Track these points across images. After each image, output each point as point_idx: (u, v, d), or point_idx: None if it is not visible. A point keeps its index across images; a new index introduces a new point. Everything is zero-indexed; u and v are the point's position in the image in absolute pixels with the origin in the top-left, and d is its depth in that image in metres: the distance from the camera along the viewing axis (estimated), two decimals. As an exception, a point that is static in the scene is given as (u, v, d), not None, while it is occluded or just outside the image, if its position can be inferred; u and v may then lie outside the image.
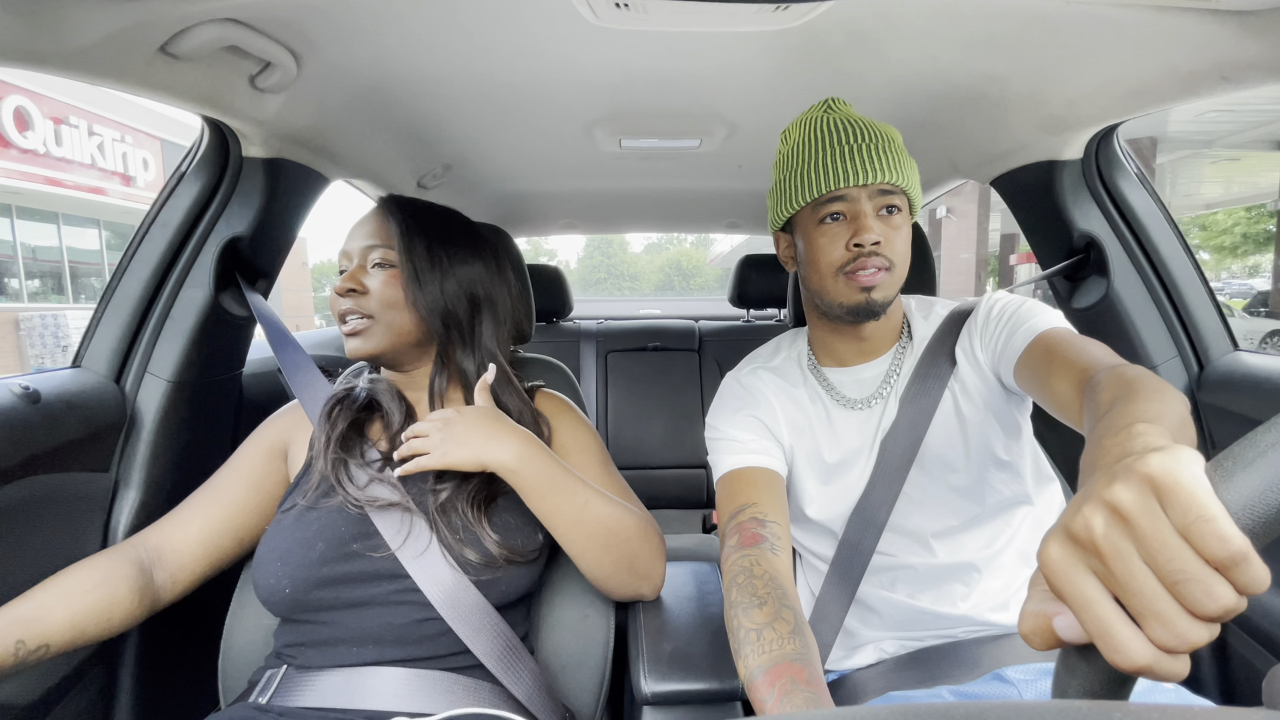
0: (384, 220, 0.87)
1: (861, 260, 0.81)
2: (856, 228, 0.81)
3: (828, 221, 0.83)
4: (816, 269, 0.85)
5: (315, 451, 0.83)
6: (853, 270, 0.82)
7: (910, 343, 0.92)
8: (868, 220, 0.81)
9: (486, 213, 2.03)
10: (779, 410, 0.92)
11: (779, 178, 0.89)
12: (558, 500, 0.79)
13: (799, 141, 0.86)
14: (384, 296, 0.84)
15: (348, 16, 0.80)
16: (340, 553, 0.77)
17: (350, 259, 0.86)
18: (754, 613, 0.70)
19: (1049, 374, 0.70)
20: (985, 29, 0.84)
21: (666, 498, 2.15)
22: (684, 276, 50.58)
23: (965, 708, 0.26)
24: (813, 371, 0.95)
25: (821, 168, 0.82)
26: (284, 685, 0.75)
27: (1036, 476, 0.88)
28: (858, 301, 0.84)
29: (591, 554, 0.82)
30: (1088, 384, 0.60)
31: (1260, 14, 0.69)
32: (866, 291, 0.83)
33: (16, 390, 0.80)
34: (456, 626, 0.77)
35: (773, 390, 0.94)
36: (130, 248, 0.99)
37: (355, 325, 0.84)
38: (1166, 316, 1.12)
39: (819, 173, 0.82)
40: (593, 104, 1.16)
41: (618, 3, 0.73)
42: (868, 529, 0.87)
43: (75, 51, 0.65)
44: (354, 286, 0.83)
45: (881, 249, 0.81)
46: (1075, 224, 1.14)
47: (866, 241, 0.80)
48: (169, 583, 0.80)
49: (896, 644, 0.87)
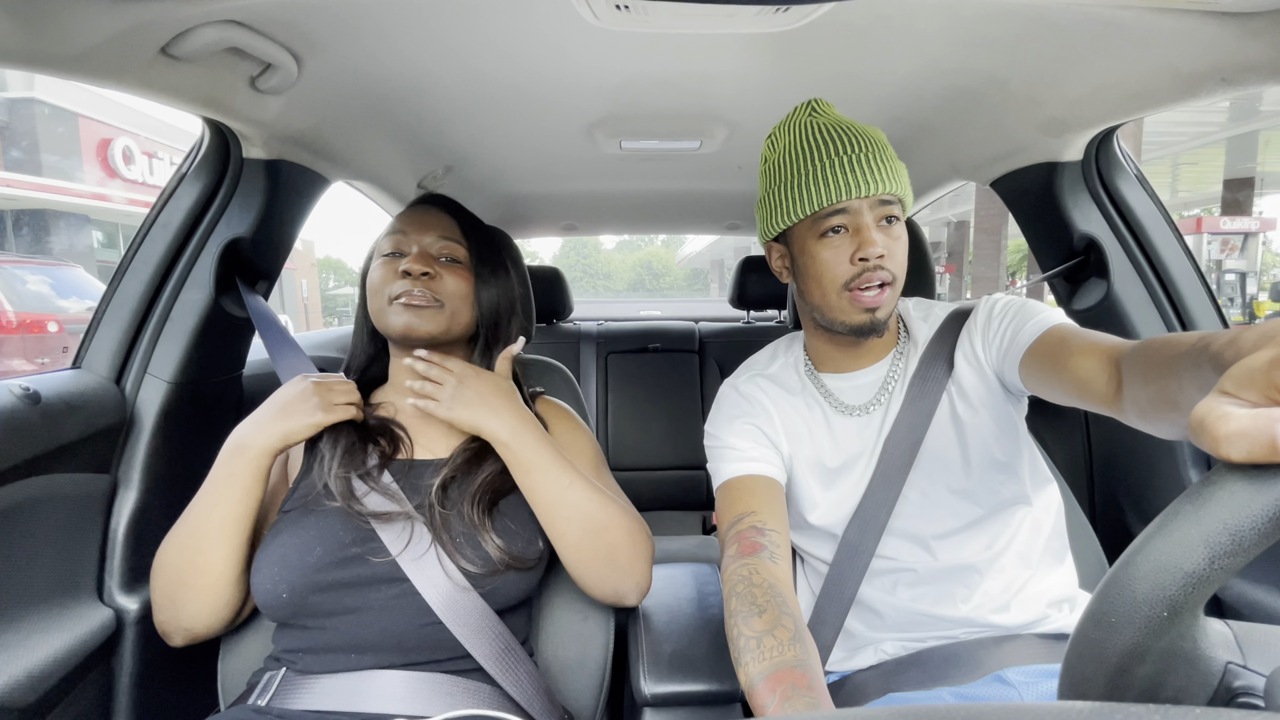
0: (449, 220, 0.92)
1: (866, 275, 0.81)
2: (860, 241, 0.80)
3: (829, 235, 0.82)
4: (819, 284, 0.84)
5: (319, 464, 0.83)
6: (857, 287, 0.82)
7: (909, 345, 0.92)
8: (871, 233, 0.80)
9: (487, 214, 2.03)
10: (777, 418, 0.92)
11: (769, 188, 0.87)
12: (540, 478, 0.82)
13: (789, 149, 0.84)
14: (456, 289, 0.89)
15: (349, 18, 0.80)
16: (338, 557, 0.77)
17: (413, 245, 0.88)
18: (753, 621, 0.70)
19: (1067, 358, 0.70)
20: (985, 31, 0.84)
21: (666, 499, 2.15)
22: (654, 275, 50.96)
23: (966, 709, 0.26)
24: (810, 378, 0.94)
25: (820, 179, 0.80)
26: (283, 687, 0.75)
27: (1034, 477, 0.88)
28: (861, 321, 0.84)
29: (570, 537, 0.82)
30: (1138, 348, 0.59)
31: (1261, 16, 0.69)
32: (870, 312, 0.83)
33: (17, 391, 0.80)
34: (455, 630, 0.77)
35: (770, 398, 0.93)
36: (130, 249, 0.99)
37: (422, 301, 0.86)
38: (1166, 318, 1.12)
39: (818, 184, 0.80)
40: (593, 106, 1.16)
41: (618, 4, 0.73)
42: (867, 532, 0.86)
43: (77, 53, 0.65)
44: (428, 270, 0.86)
45: (885, 262, 0.81)
46: (1075, 225, 1.14)
47: (872, 255, 0.80)
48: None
49: (897, 645, 0.87)
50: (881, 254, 0.80)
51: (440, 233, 0.90)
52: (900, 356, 0.92)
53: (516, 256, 1.16)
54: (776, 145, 0.87)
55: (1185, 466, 1.06)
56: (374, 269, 0.89)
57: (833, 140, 0.81)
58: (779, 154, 0.86)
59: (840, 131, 0.82)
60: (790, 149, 0.84)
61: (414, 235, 0.89)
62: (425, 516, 0.81)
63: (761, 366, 0.99)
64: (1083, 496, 1.26)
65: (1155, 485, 1.10)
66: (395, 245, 0.89)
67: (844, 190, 0.79)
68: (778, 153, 0.86)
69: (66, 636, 0.82)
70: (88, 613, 0.87)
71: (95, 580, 0.90)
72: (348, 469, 0.82)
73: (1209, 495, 0.34)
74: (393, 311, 0.86)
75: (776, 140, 0.88)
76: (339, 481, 0.81)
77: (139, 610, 0.92)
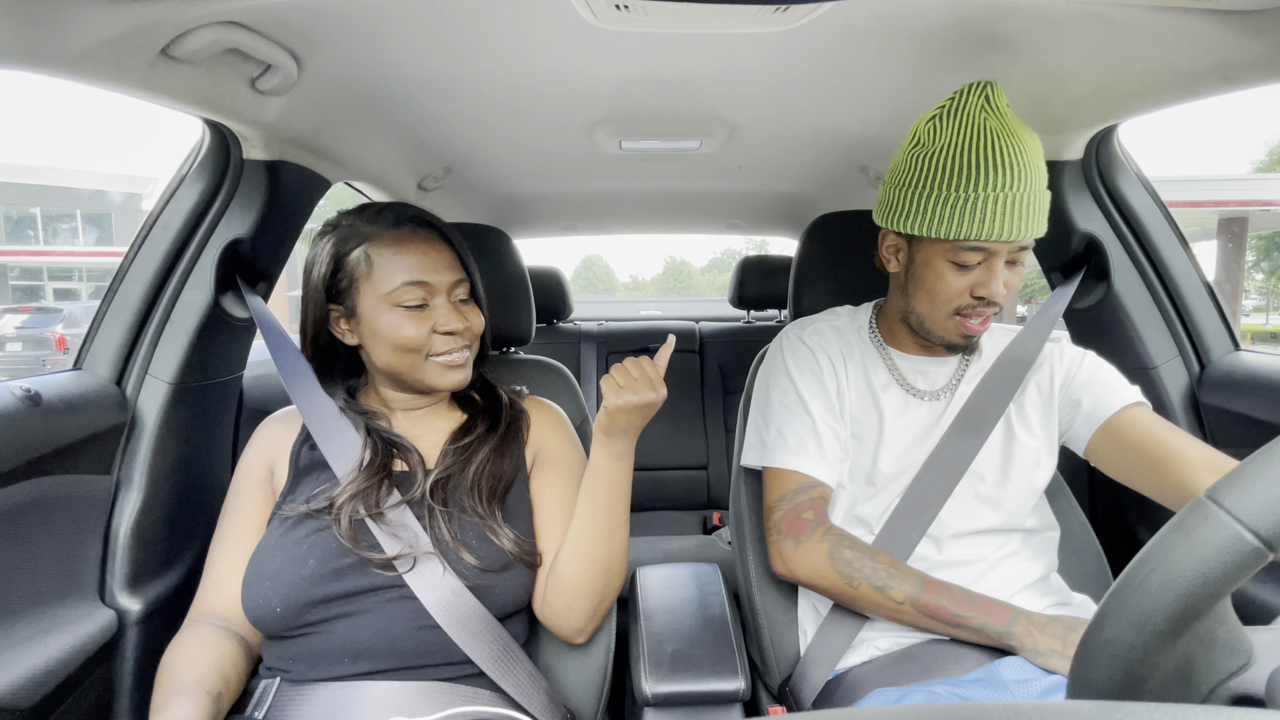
0: (450, 251, 0.87)
1: (980, 309, 0.82)
2: (987, 279, 0.80)
3: (958, 265, 0.81)
4: (931, 299, 0.85)
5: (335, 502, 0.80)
6: (966, 316, 0.83)
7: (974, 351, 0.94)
8: (998, 282, 0.80)
9: (487, 214, 2.03)
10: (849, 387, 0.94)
11: (912, 178, 0.82)
12: (603, 510, 0.81)
13: (952, 149, 0.78)
14: (477, 326, 0.88)
15: (349, 19, 0.80)
16: (331, 568, 0.76)
17: (434, 292, 0.84)
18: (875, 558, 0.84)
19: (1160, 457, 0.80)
20: (986, 30, 0.84)
21: (667, 499, 2.15)
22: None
23: (966, 709, 0.26)
24: (879, 350, 0.95)
25: (973, 211, 0.77)
26: (279, 699, 0.74)
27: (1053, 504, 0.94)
28: (958, 343, 0.87)
29: (579, 563, 0.81)
30: None
31: (1261, 14, 0.69)
32: (970, 337, 0.86)
33: (18, 392, 0.80)
34: (453, 633, 0.76)
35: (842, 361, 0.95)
36: (131, 250, 0.99)
37: (463, 359, 0.86)
38: (1167, 316, 1.12)
39: (971, 216, 0.77)
40: (593, 106, 1.16)
41: (618, 4, 0.73)
42: (912, 528, 0.87)
43: (77, 55, 0.65)
44: (464, 324, 0.85)
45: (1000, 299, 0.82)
46: (1076, 224, 1.14)
47: (997, 295, 0.80)
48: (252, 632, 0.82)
49: (890, 641, 0.87)
50: (1007, 294, 0.81)
51: (452, 273, 0.85)
52: (967, 359, 0.94)
53: (516, 257, 1.15)
54: (938, 134, 0.81)
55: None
56: (393, 319, 0.82)
57: (999, 166, 0.76)
58: (939, 148, 0.80)
59: (1008, 153, 0.76)
60: (952, 151, 0.79)
61: (432, 279, 0.83)
62: (425, 515, 0.80)
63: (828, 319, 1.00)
64: (1083, 497, 1.26)
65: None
66: (420, 298, 0.82)
67: (994, 231, 0.77)
68: (938, 145, 0.80)
69: (68, 637, 0.82)
70: (89, 614, 0.87)
71: (97, 581, 0.90)
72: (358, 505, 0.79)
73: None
74: (431, 370, 0.84)
75: (940, 127, 0.81)
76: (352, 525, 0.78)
77: (141, 611, 0.92)
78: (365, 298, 0.83)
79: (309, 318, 0.87)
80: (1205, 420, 1.07)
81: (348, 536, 0.77)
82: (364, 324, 0.84)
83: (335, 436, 0.85)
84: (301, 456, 0.87)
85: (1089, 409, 0.87)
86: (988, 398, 0.89)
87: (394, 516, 0.80)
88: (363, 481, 0.80)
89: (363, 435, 0.85)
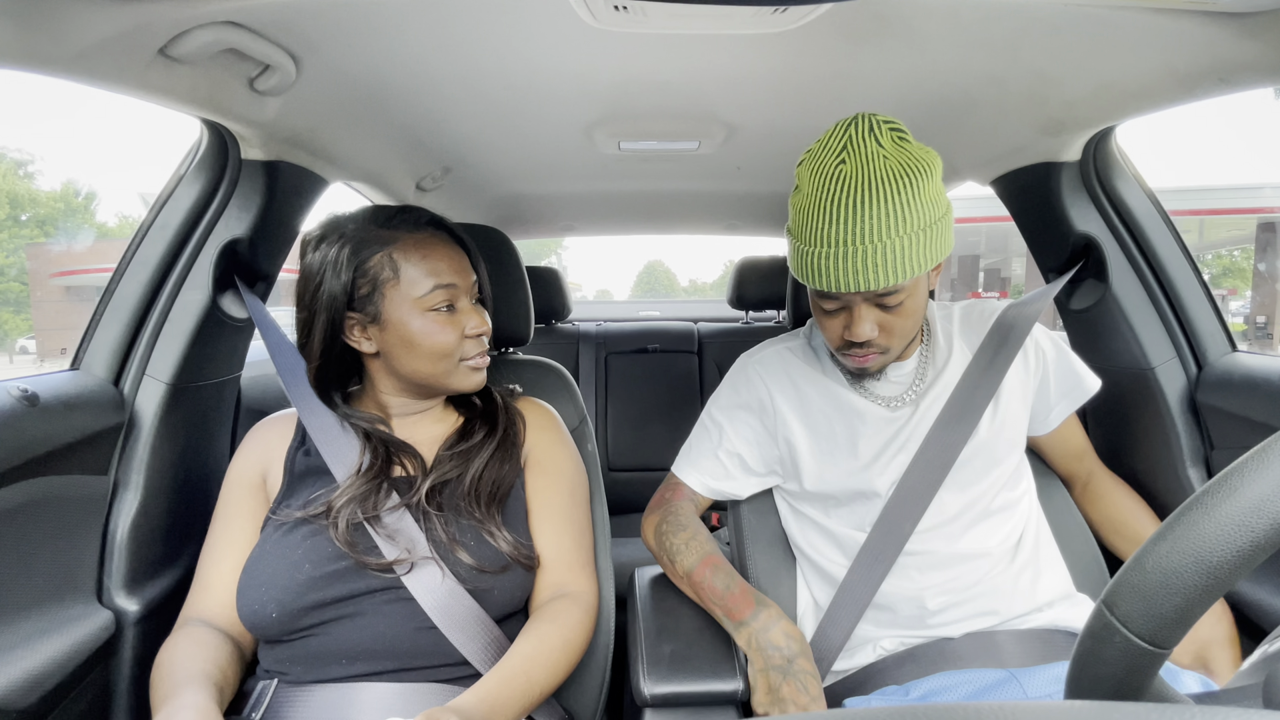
0: (464, 253, 0.89)
1: (856, 350, 0.84)
2: (850, 323, 0.81)
3: (823, 310, 0.84)
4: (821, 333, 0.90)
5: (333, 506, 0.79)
6: (847, 355, 0.85)
7: (932, 341, 0.94)
8: (861, 325, 0.80)
9: (485, 215, 2.03)
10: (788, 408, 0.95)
11: (792, 224, 0.82)
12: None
13: (811, 202, 0.77)
14: (490, 326, 0.90)
15: (347, 19, 0.80)
16: (327, 572, 0.76)
17: (458, 295, 0.84)
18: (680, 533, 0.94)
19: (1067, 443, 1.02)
20: (984, 31, 0.84)
21: None
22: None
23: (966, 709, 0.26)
24: (838, 361, 0.95)
25: (814, 262, 0.77)
26: (276, 701, 0.74)
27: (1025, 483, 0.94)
28: (855, 371, 0.90)
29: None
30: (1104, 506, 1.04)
31: (1258, 16, 0.69)
32: (861, 370, 0.88)
33: (15, 393, 0.80)
34: (450, 634, 0.76)
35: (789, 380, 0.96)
36: (129, 250, 0.99)
37: (487, 360, 0.88)
38: (1165, 318, 1.12)
39: (811, 267, 0.77)
40: (591, 106, 1.16)
41: (616, 5, 0.73)
42: (894, 532, 0.87)
43: (74, 54, 0.65)
44: (488, 326, 0.88)
45: (877, 339, 0.81)
46: (1073, 225, 1.14)
47: (858, 338, 0.81)
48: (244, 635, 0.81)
49: (895, 641, 0.87)
50: (869, 338, 0.81)
51: (468, 273, 0.87)
52: (927, 354, 0.94)
53: (515, 258, 1.15)
54: (802, 181, 0.80)
55: (1183, 466, 1.06)
56: (426, 325, 0.81)
57: (841, 220, 0.74)
58: (801, 196, 0.79)
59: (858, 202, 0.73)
60: (807, 201, 0.78)
61: (456, 281, 0.84)
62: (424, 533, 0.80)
63: (785, 342, 1.02)
64: None
65: (1152, 484, 1.10)
66: (447, 296, 0.83)
67: (833, 284, 0.76)
68: (801, 194, 0.79)
69: (66, 638, 0.81)
70: (87, 614, 0.86)
71: (94, 582, 0.90)
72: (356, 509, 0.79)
73: None
74: (460, 374, 0.85)
75: (802, 174, 0.80)
76: (349, 529, 0.78)
77: (138, 612, 0.91)
78: (392, 304, 0.81)
79: (322, 328, 0.82)
80: (1203, 421, 1.08)
81: (344, 540, 0.76)
82: (390, 331, 0.82)
83: (334, 440, 0.84)
84: (297, 462, 0.86)
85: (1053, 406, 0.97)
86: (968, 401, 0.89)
87: (391, 520, 0.79)
88: (362, 485, 0.80)
89: (362, 439, 0.85)
